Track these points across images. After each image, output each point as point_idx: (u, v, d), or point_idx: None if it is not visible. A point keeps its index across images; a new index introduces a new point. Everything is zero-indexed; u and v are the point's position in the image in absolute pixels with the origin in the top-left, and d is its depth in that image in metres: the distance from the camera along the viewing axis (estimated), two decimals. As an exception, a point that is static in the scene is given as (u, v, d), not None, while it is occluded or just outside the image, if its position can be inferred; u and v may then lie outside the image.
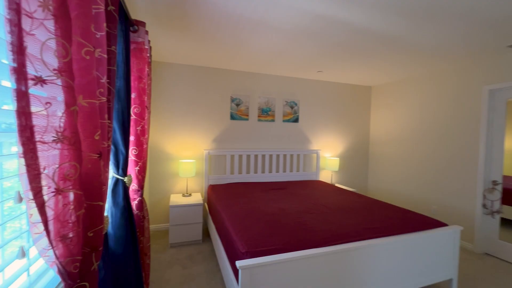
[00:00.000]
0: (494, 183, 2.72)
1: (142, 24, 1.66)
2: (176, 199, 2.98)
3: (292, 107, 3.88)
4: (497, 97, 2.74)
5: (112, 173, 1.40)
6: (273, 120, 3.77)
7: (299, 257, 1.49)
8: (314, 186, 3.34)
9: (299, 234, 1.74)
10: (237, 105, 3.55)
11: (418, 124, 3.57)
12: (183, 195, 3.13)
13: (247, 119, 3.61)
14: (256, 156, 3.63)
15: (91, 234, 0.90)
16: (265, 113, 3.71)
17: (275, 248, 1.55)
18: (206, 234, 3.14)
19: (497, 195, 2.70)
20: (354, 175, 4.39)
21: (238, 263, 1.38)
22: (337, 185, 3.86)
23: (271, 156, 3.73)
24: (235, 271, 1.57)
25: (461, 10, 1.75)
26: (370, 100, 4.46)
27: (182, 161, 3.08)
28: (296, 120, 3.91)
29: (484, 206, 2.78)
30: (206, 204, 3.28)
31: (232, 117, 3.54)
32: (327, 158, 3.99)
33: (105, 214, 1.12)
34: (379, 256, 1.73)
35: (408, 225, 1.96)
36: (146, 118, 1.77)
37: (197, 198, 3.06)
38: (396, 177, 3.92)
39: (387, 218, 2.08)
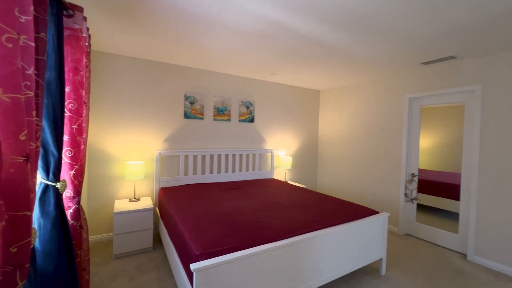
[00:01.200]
0: (413, 175, 3.29)
1: (79, 9, 1.47)
2: (122, 205, 2.72)
3: (248, 107, 3.95)
4: (414, 104, 3.31)
5: (40, 179, 1.21)
6: (229, 120, 3.77)
7: (255, 253, 1.54)
8: (269, 184, 3.47)
9: (254, 231, 1.80)
10: (192, 103, 3.44)
11: (357, 126, 4.05)
12: (131, 200, 2.88)
13: (202, 118, 3.53)
14: (211, 156, 3.58)
15: (15, 250, 0.77)
16: (221, 112, 3.69)
17: (230, 247, 1.56)
18: (157, 240, 2.95)
19: (415, 185, 3.26)
20: (305, 172, 4.71)
21: (193, 266, 1.35)
22: (290, 182, 4.09)
23: (227, 156, 3.72)
24: (190, 275, 1.53)
25: (386, 31, 2.06)
26: (318, 103, 4.85)
27: (128, 163, 2.83)
28: (251, 120, 3.99)
29: (405, 195, 3.33)
30: (157, 209, 3.09)
31: (186, 116, 3.41)
32: (281, 157, 4.19)
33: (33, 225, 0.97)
34: (327, 244, 1.91)
35: (349, 215, 2.22)
36: (84, 115, 1.57)
37: (146, 202, 2.85)
38: (340, 173, 4.36)
39: (333, 210, 2.31)
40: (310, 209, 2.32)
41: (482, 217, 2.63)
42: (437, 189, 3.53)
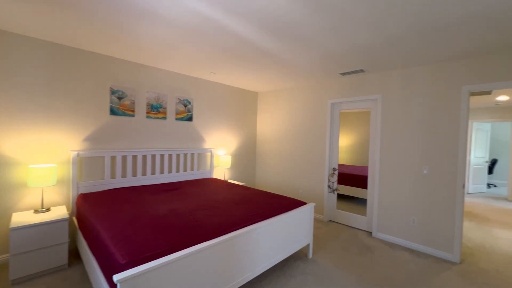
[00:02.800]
0: (334, 169, 3.82)
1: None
2: (22, 218, 2.23)
3: (185, 105, 3.80)
4: (335, 108, 3.85)
5: None
6: (164, 118, 3.55)
7: (187, 254, 1.51)
8: (208, 184, 3.44)
9: (189, 231, 1.77)
10: (120, 98, 3.09)
11: (290, 126, 4.43)
12: (36, 211, 2.39)
13: (133, 115, 3.22)
14: (144, 156, 3.31)
15: None
16: (156, 109, 3.44)
17: (161, 251, 1.49)
18: (75, 255, 2.55)
19: (335, 177, 3.80)
20: (245, 170, 4.86)
21: (116, 277, 1.23)
22: (229, 181, 4.15)
23: (162, 156, 3.50)
24: None
25: (309, 42, 2.35)
26: (257, 104, 5.07)
27: (33, 166, 2.34)
28: (190, 118, 3.87)
29: (328, 186, 3.84)
30: (74, 219, 2.66)
31: (113, 112, 3.04)
32: (221, 156, 4.21)
33: None
34: (261, 236, 2.04)
35: (282, 207, 2.42)
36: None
37: (59, 212, 2.42)
38: (275, 170, 4.68)
39: (267, 204, 2.48)
40: (246, 205, 2.43)
41: (382, 201, 3.29)
42: (352, 180, 4.20)
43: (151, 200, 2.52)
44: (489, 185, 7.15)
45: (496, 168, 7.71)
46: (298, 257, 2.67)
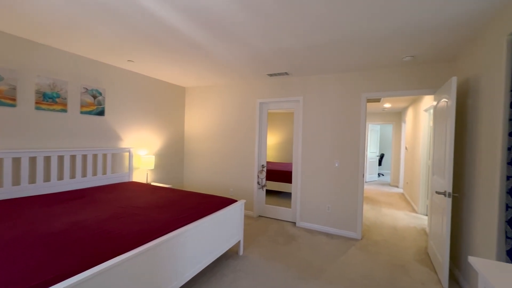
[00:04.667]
0: (263, 166, 4.00)
1: None
2: None
3: (95, 97, 3.19)
4: (264, 108, 4.03)
5: None
6: (64, 110, 2.87)
7: (96, 273, 1.25)
8: (126, 188, 3.00)
9: (100, 245, 1.47)
10: (-10, 82, 2.31)
11: (220, 123, 4.37)
12: None
13: (13, 105, 2.46)
14: (33, 159, 2.59)
15: None
16: (50, 99, 2.74)
17: (57, 275, 1.18)
18: None
19: (264, 174, 3.99)
20: (171, 171, 4.50)
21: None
22: (153, 183, 3.74)
23: (61, 157, 2.83)
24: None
25: (238, 40, 2.36)
26: (184, 100, 4.77)
27: None
28: (101, 112, 3.27)
29: (258, 183, 3.99)
30: None
31: (-22, 100, 2.24)
32: (142, 157, 3.75)
33: None
34: (189, 240, 1.90)
35: (211, 207, 2.34)
36: None
37: None
38: (206, 169, 4.53)
39: (196, 205, 2.35)
40: (172, 209, 2.23)
41: (304, 193, 3.65)
42: (279, 176, 4.51)
43: (44, 213, 1.99)
44: (379, 174, 9.07)
45: (384, 161, 9.85)
46: (229, 255, 2.65)
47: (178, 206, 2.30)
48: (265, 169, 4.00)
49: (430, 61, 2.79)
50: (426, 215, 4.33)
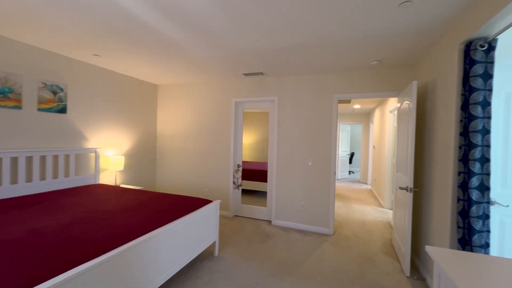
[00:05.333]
0: (238, 166, 3.99)
1: None
2: None
3: (55, 93, 2.93)
4: (239, 107, 4.02)
5: None
6: (18, 107, 2.60)
7: (55, 284, 1.15)
8: (92, 192, 2.80)
9: (63, 252, 1.36)
10: None
11: (194, 123, 4.28)
12: None
13: (-47, 101, 2.16)
14: (-21, 161, 2.30)
15: None
16: (1, 94, 2.46)
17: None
18: None
19: (240, 173, 3.98)
20: (143, 172, 4.29)
21: None
22: (122, 185, 3.54)
23: (15, 159, 2.55)
24: None
25: (214, 39, 2.33)
26: (157, 98, 4.58)
27: None
28: (62, 110, 3.01)
29: (233, 182, 3.97)
30: None
31: None
32: (110, 157, 3.52)
33: None
34: (162, 243, 1.83)
35: (185, 208, 2.28)
36: None
37: None
38: (179, 169, 4.40)
39: (168, 207, 2.27)
40: (143, 212, 2.13)
41: (279, 191, 3.72)
42: (255, 175, 4.53)
43: (-7, 221, 1.78)
44: (349, 172, 9.54)
45: (354, 159, 10.39)
46: (204, 256, 2.61)
47: (149, 209, 2.20)
48: (240, 168, 3.99)
49: (394, 65, 3.00)
50: (391, 209, 4.66)
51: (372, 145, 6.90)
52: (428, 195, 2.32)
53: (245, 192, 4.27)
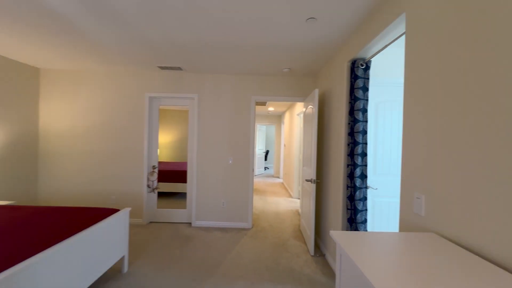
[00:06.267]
0: (154, 167, 3.62)
1: None
2: None
3: None
4: (154, 103, 3.64)
5: None
6: None
7: None
8: None
9: None
10: None
11: (98, 119, 3.57)
12: None
13: None
14: None
15: None
16: None
17: None
18: None
19: (155, 176, 3.62)
20: (16, 181, 3.23)
21: None
22: (-24, 201, 2.55)
23: None
24: None
25: (126, 25, 2.01)
26: (38, 85, 3.54)
27: None
28: None
29: (148, 186, 3.57)
30: None
31: None
32: (-49, 163, 2.46)
33: None
34: (44, 274, 1.42)
35: (80, 224, 1.86)
36: None
37: None
38: (75, 175, 3.58)
39: (54, 224, 1.80)
40: (13, 234, 1.60)
41: (199, 191, 3.60)
42: (173, 176, 4.22)
43: None
44: (265, 168, 10.35)
45: (268, 156, 11.35)
46: (110, 275, 2.21)
47: (25, 230, 1.67)
48: (156, 170, 3.63)
49: (301, 74, 3.45)
50: (299, 198, 5.37)
51: (284, 144, 7.72)
52: (327, 185, 2.80)
53: (162, 195, 3.91)
